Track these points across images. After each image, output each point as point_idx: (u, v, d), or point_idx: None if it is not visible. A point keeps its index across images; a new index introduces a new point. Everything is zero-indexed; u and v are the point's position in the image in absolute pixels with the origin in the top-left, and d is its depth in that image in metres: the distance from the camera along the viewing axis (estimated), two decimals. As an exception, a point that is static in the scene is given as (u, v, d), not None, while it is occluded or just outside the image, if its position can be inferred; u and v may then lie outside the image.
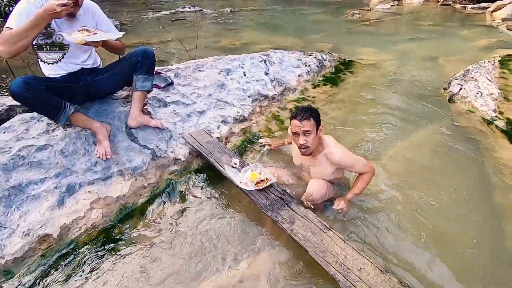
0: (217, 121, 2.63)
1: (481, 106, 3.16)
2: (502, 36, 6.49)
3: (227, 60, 3.34)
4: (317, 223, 1.71)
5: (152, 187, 2.05)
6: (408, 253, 1.73)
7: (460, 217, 1.96)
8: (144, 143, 2.20)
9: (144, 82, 2.15)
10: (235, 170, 1.98)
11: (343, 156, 1.85)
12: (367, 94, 3.64)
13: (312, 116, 1.77)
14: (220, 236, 1.80)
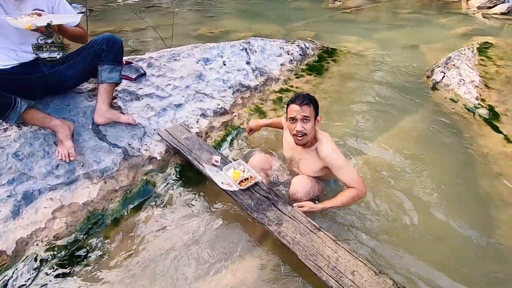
0: (196, 114, 2.44)
1: (464, 94, 3.15)
2: (478, 24, 6.60)
3: (205, 48, 3.12)
4: (306, 223, 1.59)
5: (125, 191, 1.86)
6: (398, 250, 1.66)
7: (448, 207, 1.92)
8: (114, 142, 1.98)
9: (111, 73, 1.92)
10: (215, 169, 1.82)
11: (333, 153, 1.72)
12: (351, 84, 3.54)
13: (312, 103, 1.68)
14: (201, 242, 1.65)
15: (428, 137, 2.61)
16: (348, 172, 1.72)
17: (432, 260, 1.61)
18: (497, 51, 4.62)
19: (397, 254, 1.64)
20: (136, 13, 6.35)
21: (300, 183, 1.77)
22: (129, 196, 1.85)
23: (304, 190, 1.75)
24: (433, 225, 1.79)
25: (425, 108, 3.05)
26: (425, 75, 3.76)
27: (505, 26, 6.46)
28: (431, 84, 3.50)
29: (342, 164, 1.71)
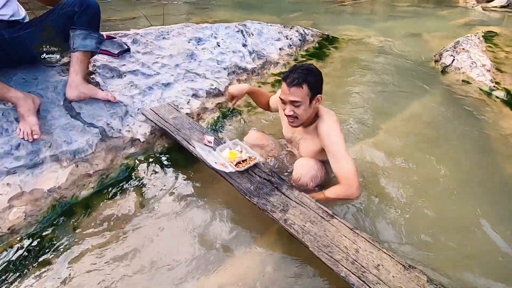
0: (186, 94, 2.17)
1: (478, 77, 2.93)
2: (479, 15, 6.46)
3: (197, 28, 2.86)
4: (317, 209, 1.32)
5: (100, 175, 1.57)
6: (420, 240, 1.40)
7: (472, 194, 1.67)
8: (90, 120, 1.70)
9: (85, 40, 1.64)
10: (208, 148, 1.55)
11: (332, 133, 1.41)
12: (355, 69, 3.31)
13: (307, 82, 1.34)
14: (192, 234, 1.37)
15: (442, 120, 2.38)
16: (345, 163, 1.38)
17: (459, 252, 1.36)
18: (503, 39, 4.44)
19: (420, 246, 1.38)
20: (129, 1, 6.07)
21: (305, 166, 1.49)
22: (106, 181, 1.57)
23: (310, 174, 1.47)
24: (456, 214, 1.54)
25: (437, 92, 2.82)
26: (432, 59, 3.54)
27: (506, 17, 6.33)
28: (440, 68, 3.27)
29: (339, 150, 1.40)
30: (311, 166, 1.49)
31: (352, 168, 1.38)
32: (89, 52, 1.68)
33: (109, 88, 1.93)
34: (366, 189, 1.63)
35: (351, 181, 1.37)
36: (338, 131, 1.44)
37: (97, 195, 1.51)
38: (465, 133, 2.21)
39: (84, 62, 1.69)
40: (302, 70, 1.35)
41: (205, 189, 1.60)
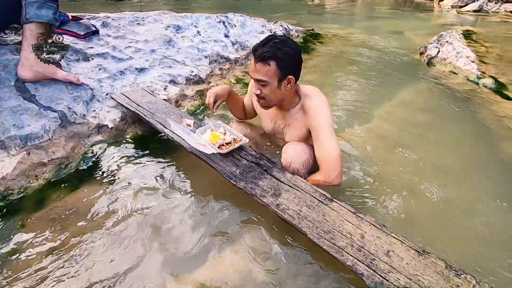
0: (163, 80, 1.97)
1: (464, 66, 2.90)
2: (455, 18, 6.67)
3: (176, 16, 2.68)
4: (314, 193, 1.14)
5: (58, 165, 1.33)
6: (425, 225, 1.25)
7: (473, 176, 1.56)
8: (47, 104, 1.46)
9: (40, 10, 1.41)
10: (187, 130, 1.35)
11: (321, 108, 1.24)
12: (342, 61, 3.22)
13: (276, 59, 1.14)
14: (168, 231, 1.15)
15: (434, 107, 2.30)
16: (328, 146, 1.21)
17: (468, 235, 1.21)
18: (481, 36, 4.54)
19: (425, 230, 1.22)
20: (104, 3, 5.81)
21: (295, 151, 1.29)
22: (64, 171, 1.33)
23: (301, 159, 1.28)
24: (459, 197, 1.41)
25: (425, 81, 2.76)
26: (417, 52, 3.52)
27: (479, 19, 6.55)
28: (425, 60, 3.24)
29: (325, 130, 1.21)
30: (302, 150, 1.30)
31: (334, 152, 1.21)
32: (46, 24, 1.45)
33: (73, 71, 1.70)
34: (364, 173, 1.47)
35: (332, 166, 1.21)
36: (327, 110, 1.26)
37: (53, 187, 1.27)
38: (458, 117, 2.13)
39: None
40: (275, 43, 1.14)
41: (184, 178, 1.38)
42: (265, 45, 1.15)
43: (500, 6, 8.02)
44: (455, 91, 2.55)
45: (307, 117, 1.26)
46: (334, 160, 1.21)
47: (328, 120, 1.23)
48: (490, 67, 3.12)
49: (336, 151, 1.21)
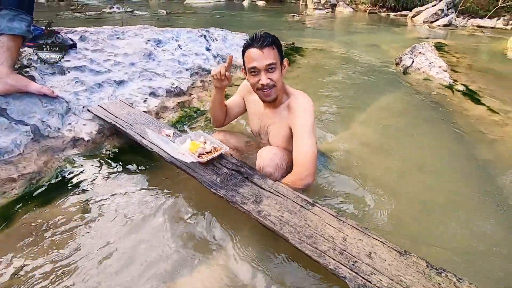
0: (143, 93, 1.95)
1: (437, 74, 3.04)
2: (427, 32, 7.04)
3: (157, 30, 2.69)
4: (295, 198, 1.14)
5: (29, 180, 1.27)
6: (406, 226, 1.25)
7: (453, 176, 1.60)
8: (19, 117, 1.41)
9: (12, 22, 1.39)
10: (166, 139, 1.32)
11: (305, 108, 1.28)
12: (322, 71, 3.31)
13: (275, 43, 1.23)
14: (146, 244, 1.10)
15: (413, 112, 2.38)
16: (305, 145, 1.23)
17: (450, 234, 1.23)
18: (451, 48, 4.81)
19: (407, 232, 1.23)
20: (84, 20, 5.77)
21: (267, 155, 1.29)
22: (35, 187, 1.26)
23: (273, 163, 1.28)
24: (440, 197, 1.44)
25: (402, 88, 2.87)
26: (393, 63, 3.67)
27: (450, 33, 6.95)
28: (401, 70, 3.38)
29: (305, 130, 1.24)
30: (274, 154, 1.30)
31: (310, 152, 1.23)
32: (18, 37, 1.42)
33: (48, 84, 1.66)
34: (348, 177, 1.48)
35: (305, 165, 1.22)
36: (311, 111, 1.29)
37: (24, 203, 1.20)
38: (435, 121, 2.20)
39: (12, 49, 1.42)
40: (265, 33, 1.23)
41: (164, 189, 1.35)
42: (260, 37, 1.21)
43: (467, 21, 8.57)
44: (430, 97, 2.65)
45: (291, 116, 1.29)
46: (308, 159, 1.22)
47: (309, 121, 1.26)
48: (461, 75, 3.29)
49: (312, 152, 1.23)
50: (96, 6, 9.23)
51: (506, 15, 8.66)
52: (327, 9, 11.09)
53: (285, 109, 1.33)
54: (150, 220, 1.19)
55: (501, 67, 4.03)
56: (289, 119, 1.31)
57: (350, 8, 11.39)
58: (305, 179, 1.23)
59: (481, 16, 8.96)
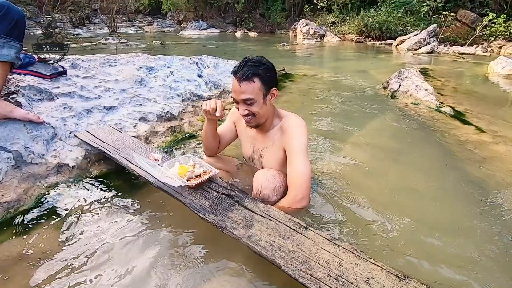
0: (133, 118, 1.93)
1: (424, 97, 3.12)
2: (411, 58, 7.36)
3: (149, 58, 2.74)
4: (287, 221, 1.09)
5: (6, 209, 1.20)
6: (402, 249, 1.20)
7: (445, 196, 1.57)
8: (1, 144, 1.36)
9: (1, 49, 1.38)
10: (153, 163, 1.28)
11: (298, 129, 1.27)
12: (313, 96, 3.37)
13: (258, 75, 1.18)
14: (131, 275, 1.02)
15: (402, 134, 2.39)
16: (299, 167, 1.21)
17: (446, 256, 1.18)
18: (436, 73, 5.00)
19: (403, 254, 1.18)
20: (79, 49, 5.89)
21: (266, 177, 1.26)
22: (13, 214, 1.19)
23: (272, 185, 1.25)
24: (434, 218, 1.40)
25: (391, 111, 2.92)
26: (381, 87, 3.77)
27: (433, 59, 7.28)
28: (389, 93, 3.46)
29: (299, 151, 1.22)
30: (272, 176, 1.27)
31: (305, 174, 1.20)
32: (6, 64, 1.41)
33: (35, 110, 1.63)
34: (341, 199, 1.44)
35: (300, 188, 1.19)
36: (304, 132, 1.28)
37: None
38: (424, 142, 2.22)
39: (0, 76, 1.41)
40: (253, 63, 1.19)
41: (151, 217, 1.28)
42: (245, 65, 1.19)
43: (448, 48, 9.03)
44: (419, 119, 2.70)
45: (284, 137, 1.27)
46: (303, 181, 1.19)
47: (303, 142, 1.25)
48: (448, 98, 3.39)
49: (306, 173, 1.20)
50: (92, 38, 9.49)
51: (484, 43, 9.17)
52: (316, 39, 11.60)
53: (278, 131, 1.32)
54: (136, 250, 1.12)
55: (485, 89, 4.18)
56: (282, 141, 1.29)
57: (338, 38, 11.93)
58: (301, 200, 1.19)
59: (461, 44, 9.47)
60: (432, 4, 10.62)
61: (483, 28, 9.41)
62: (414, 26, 10.69)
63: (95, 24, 14.20)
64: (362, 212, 1.37)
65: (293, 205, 1.20)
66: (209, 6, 15.49)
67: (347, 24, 12.44)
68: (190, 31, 13.64)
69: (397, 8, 11.54)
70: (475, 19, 10.03)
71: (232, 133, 1.52)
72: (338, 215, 1.34)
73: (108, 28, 12.29)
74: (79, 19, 13.38)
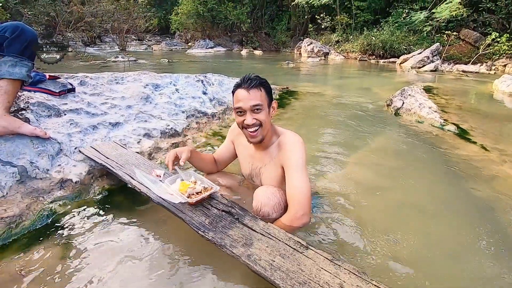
0: (137, 134, 1.96)
1: (428, 115, 3.11)
2: (415, 76, 7.42)
3: (156, 76, 2.81)
4: (287, 240, 1.07)
5: (8, 224, 1.20)
6: (405, 268, 1.16)
7: (451, 217, 1.53)
8: (7, 159, 1.39)
9: (13, 67, 1.44)
10: (154, 179, 1.29)
11: (295, 146, 1.27)
12: (316, 113, 3.39)
13: (263, 85, 1.26)
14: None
15: (406, 152, 2.38)
16: (298, 184, 1.21)
17: (453, 277, 1.14)
18: (439, 91, 5.02)
19: (407, 274, 1.14)
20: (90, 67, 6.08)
21: (266, 194, 1.26)
22: (15, 231, 1.20)
23: (272, 202, 1.24)
24: (440, 238, 1.36)
25: (394, 129, 2.91)
26: (384, 105, 3.78)
27: (437, 77, 7.31)
28: (393, 111, 3.47)
29: (297, 168, 1.23)
30: (272, 193, 1.27)
31: (304, 191, 1.21)
32: (17, 81, 1.47)
33: (42, 126, 1.67)
34: (343, 218, 1.42)
35: (300, 204, 1.19)
36: (301, 148, 1.29)
37: None
38: (429, 160, 2.19)
39: (9, 93, 1.45)
40: (254, 76, 1.27)
41: (152, 234, 1.27)
42: (248, 78, 1.25)
43: (452, 66, 9.09)
44: (423, 137, 2.68)
45: (282, 153, 1.28)
46: (303, 198, 1.19)
47: (301, 158, 1.25)
48: (452, 115, 3.38)
49: (306, 190, 1.20)
50: (102, 56, 9.81)
51: (488, 61, 9.23)
52: (320, 57, 11.80)
53: (276, 148, 1.33)
54: (135, 267, 1.10)
55: (490, 107, 4.17)
56: (280, 158, 1.30)
57: (342, 56, 12.13)
58: (301, 217, 1.19)
59: (465, 62, 9.54)
60: (435, 24, 10.80)
61: (487, 47, 9.50)
62: (417, 45, 10.82)
63: (105, 43, 14.71)
64: (364, 231, 1.35)
65: (294, 222, 1.19)
66: (216, 26, 15.98)
67: (350, 43, 12.65)
68: (197, 49, 14.03)
69: (400, 28, 11.75)
70: (478, 38, 10.14)
71: (231, 152, 1.54)
72: (339, 234, 1.32)
73: (118, 46, 12.73)
74: (90, 38, 13.91)
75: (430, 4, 11.22)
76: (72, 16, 11.20)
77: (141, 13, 14.90)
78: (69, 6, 11.36)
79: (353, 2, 12.92)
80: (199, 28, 16.26)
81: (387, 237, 1.32)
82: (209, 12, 15.21)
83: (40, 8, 10.45)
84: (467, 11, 10.10)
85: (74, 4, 11.66)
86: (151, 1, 18.75)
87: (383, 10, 13.34)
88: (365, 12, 13.23)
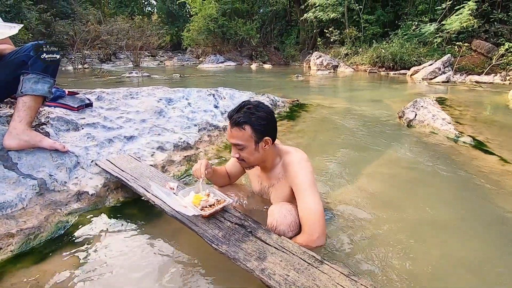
0: (151, 147, 2.00)
1: (442, 126, 3.06)
2: (427, 88, 7.34)
3: (169, 90, 2.89)
4: (302, 254, 1.06)
5: (27, 235, 1.23)
6: (425, 285, 1.12)
7: (471, 232, 1.48)
8: (28, 171, 1.44)
9: (36, 84, 1.51)
10: (169, 191, 1.30)
11: (300, 165, 1.25)
12: (327, 126, 3.38)
13: (250, 123, 1.18)
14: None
15: (421, 164, 2.32)
16: (309, 203, 1.18)
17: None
18: (453, 102, 4.94)
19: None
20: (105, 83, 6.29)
21: (281, 212, 1.22)
22: (34, 242, 1.22)
23: (287, 221, 1.20)
24: (459, 253, 1.31)
25: (407, 141, 2.87)
26: (396, 117, 3.74)
27: (449, 88, 7.22)
28: (405, 123, 3.43)
29: (306, 187, 1.20)
30: (288, 211, 1.23)
31: (316, 211, 1.17)
32: (40, 97, 1.53)
33: (61, 140, 1.73)
34: (358, 232, 1.39)
35: (314, 226, 1.16)
36: (307, 166, 1.26)
37: (17, 259, 1.14)
38: (444, 173, 2.14)
39: (32, 108, 1.52)
40: (248, 109, 1.20)
41: (166, 246, 1.28)
42: (239, 111, 1.20)
43: (465, 77, 8.97)
44: (437, 149, 2.63)
45: (288, 174, 1.27)
46: (316, 219, 1.16)
47: (308, 177, 1.23)
48: (467, 127, 3.30)
49: (318, 209, 1.17)
50: (117, 72, 10.16)
51: (502, 71, 9.06)
52: (329, 70, 11.87)
53: (281, 168, 1.32)
54: (148, 278, 1.10)
55: (506, 118, 4.06)
56: (287, 178, 1.29)
57: (351, 69, 12.16)
58: (317, 240, 1.16)
59: (477, 73, 9.40)
60: (445, 35, 10.76)
61: (500, 57, 9.36)
62: (428, 56, 10.76)
63: (120, 59, 15.27)
64: (380, 246, 1.31)
65: (310, 243, 1.15)
66: (226, 41, 16.39)
67: (360, 56, 12.70)
68: (208, 64, 14.37)
69: (410, 40, 11.74)
70: (490, 49, 10.02)
71: (240, 168, 1.54)
72: (355, 248, 1.29)
73: (132, 63, 13.19)
74: (106, 55, 14.47)
75: (440, 16, 11.23)
76: (89, 34, 11.75)
77: (154, 30, 15.47)
78: (87, 25, 11.94)
79: (361, 15, 13.05)
80: (210, 43, 16.71)
81: (404, 253, 1.28)
82: (220, 28, 15.66)
83: (60, 28, 11.01)
84: (478, 22, 10.05)
85: (91, 23, 12.24)
86: (164, 19, 19.47)
87: (392, 22, 13.42)
88: (374, 25, 13.33)
